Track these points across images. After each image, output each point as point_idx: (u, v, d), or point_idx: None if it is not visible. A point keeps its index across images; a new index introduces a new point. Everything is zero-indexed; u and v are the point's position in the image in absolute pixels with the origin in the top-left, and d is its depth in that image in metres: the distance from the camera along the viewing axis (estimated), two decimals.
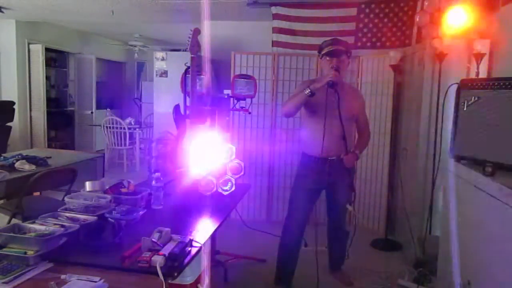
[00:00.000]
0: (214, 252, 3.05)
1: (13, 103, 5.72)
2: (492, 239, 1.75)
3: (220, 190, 2.43)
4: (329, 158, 2.59)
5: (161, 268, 1.35)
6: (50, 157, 3.30)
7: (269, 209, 4.23)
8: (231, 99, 3.62)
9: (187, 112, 2.72)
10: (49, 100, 7.25)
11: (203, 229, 1.89)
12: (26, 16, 5.97)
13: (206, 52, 2.94)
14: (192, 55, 2.64)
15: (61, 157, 3.49)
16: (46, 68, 6.76)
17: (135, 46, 8.08)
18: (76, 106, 7.87)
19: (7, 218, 2.88)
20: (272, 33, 4.34)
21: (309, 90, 2.41)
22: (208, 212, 2.24)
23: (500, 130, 1.87)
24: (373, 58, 3.98)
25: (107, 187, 2.15)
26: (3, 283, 1.25)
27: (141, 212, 1.90)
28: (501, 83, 1.89)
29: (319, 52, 2.61)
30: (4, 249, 1.44)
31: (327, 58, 2.53)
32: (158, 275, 1.32)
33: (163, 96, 5.32)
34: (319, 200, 2.80)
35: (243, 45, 5.10)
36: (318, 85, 2.43)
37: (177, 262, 1.42)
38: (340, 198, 2.77)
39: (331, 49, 2.52)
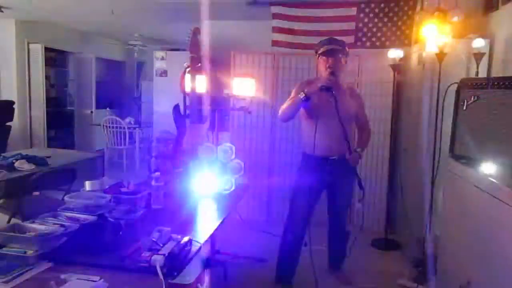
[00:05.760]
0: (214, 252, 3.05)
1: (12, 102, 5.72)
2: (492, 239, 1.75)
3: (220, 190, 2.43)
4: (330, 158, 2.59)
5: (161, 267, 1.34)
6: (50, 157, 3.30)
7: (269, 209, 4.23)
8: (231, 98, 3.62)
9: (187, 112, 2.72)
10: (49, 100, 7.24)
11: (203, 229, 1.89)
12: (25, 15, 5.97)
13: (205, 51, 2.95)
14: (192, 55, 2.64)
15: (60, 157, 3.49)
16: (45, 68, 6.75)
17: (134, 46, 8.07)
18: (75, 105, 7.86)
19: (7, 217, 2.88)
20: (271, 32, 4.34)
21: (304, 95, 2.40)
22: (208, 212, 2.24)
23: (499, 130, 1.86)
24: (373, 57, 3.97)
25: (106, 187, 2.15)
26: (3, 282, 1.25)
27: (141, 212, 1.90)
28: (501, 83, 1.89)
29: (316, 52, 2.61)
30: (4, 249, 1.44)
31: (323, 58, 2.53)
32: (158, 275, 1.32)
33: (162, 96, 5.32)
34: (319, 200, 2.80)
35: (243, 44, 5.09)
36: (312, 90, 2.43)
37: (177, 261, 1.42)
38: (341, 198, 2.77)
39: (327, 48, 2.52)
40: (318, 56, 2.59)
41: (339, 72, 2.55)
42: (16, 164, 2.94)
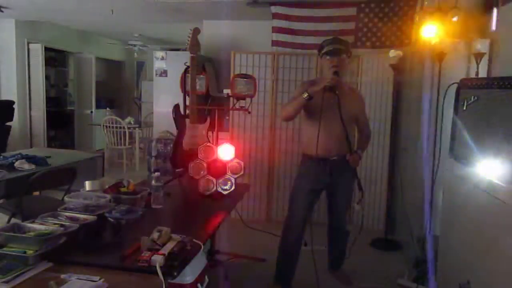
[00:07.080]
0: (214, 251, 3.05)
1: (12, 102, 5.72)
2: (492, 239, 1.75)
3: (220, 190, 2.44)
4: (330, 159, 2.59)
5: (160, 267, 1.35)
6: (50, 157, 3.30)
7: (269, 209, 4.23)
8: (231, 98, 3.62)
9: (187, 112, 2.72)
10: (49, 100, 7.24)
11: (203, 229, 1.89)
12: (25, 15, 5.97)
13: (206, 51, 2.94)
14: (192, 55, 2.64)
15: (60, 157, 3.49)
16: (45, 68, 6.74)
17: (134, 46, 8.08)
18: (75, 105, 7.86)
19: (6, 217, 2.88)
20: (271, 32, 4.34)
21: (307, 94, 2.40)
22: (208, 212, 2.24)
23: (499, 129, 1.86)
24: (373, 57, 3.98)
25: (106, 187, 2.15)
26: (3, 282, 1.25)
27: (141, 212, 1.90)
28: (501, 83, 1.89)
29: (319, 51, 2.61)
30: (4, 249, 1.44)
31: (327, 57, 2.53)
32: (157, 275, 1.32)
33: (162, 96, 5.31)
34: (319, 200, 2.80)
35: (243, 44, 5.09)
36: (316, 89, 2.43)
37: (177, 261, 1.42)
38: (341, 198, 2.77)
39: (331, 48, 2.52)
40: (321, 56, 2.59)
41: (342, 72, 2.56)
42: (16, 164, 2.94)
